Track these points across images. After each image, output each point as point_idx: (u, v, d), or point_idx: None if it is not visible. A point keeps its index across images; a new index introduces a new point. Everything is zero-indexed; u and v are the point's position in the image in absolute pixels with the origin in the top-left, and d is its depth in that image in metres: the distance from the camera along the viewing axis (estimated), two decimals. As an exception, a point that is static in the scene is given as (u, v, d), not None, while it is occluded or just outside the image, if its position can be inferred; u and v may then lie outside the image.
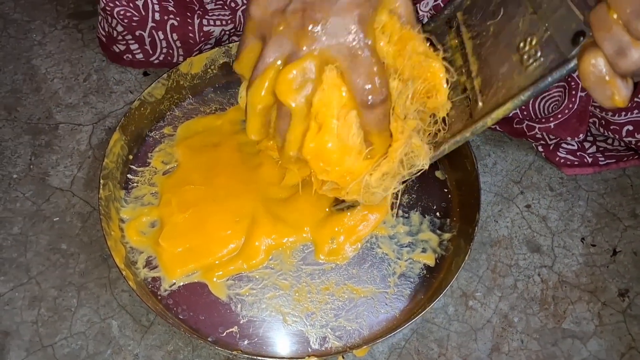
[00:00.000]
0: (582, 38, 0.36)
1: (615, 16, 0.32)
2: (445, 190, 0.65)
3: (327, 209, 0.61)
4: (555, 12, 0.39)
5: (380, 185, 0.49)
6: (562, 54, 0.38)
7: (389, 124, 0.47)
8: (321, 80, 0.45)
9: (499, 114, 0.43)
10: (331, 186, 0.52)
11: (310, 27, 0.44)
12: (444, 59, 0.48)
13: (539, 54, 0.40)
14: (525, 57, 0.41)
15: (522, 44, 0.41)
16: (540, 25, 0.40)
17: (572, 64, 0.37)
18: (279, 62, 0.45)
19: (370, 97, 0.44)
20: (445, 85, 0.47)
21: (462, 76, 0.48)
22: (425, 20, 0.61)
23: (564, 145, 0.68)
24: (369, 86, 0.44)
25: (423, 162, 0.48)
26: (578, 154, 0.68)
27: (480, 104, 0.45)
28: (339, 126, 0.46)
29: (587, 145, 0.68)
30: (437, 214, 0.63)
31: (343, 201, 0.59)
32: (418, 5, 0.60)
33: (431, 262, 0.60)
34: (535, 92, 0.40)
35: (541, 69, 0.39)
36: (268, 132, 0.50)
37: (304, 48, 0.44)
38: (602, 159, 0.68)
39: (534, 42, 0.40)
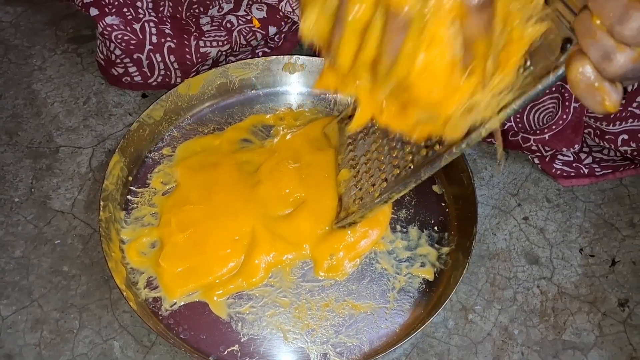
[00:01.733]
0: (569, 45, 0.37)
1: (598, 22, 0.33)
2: (443, 204, 0.65)
3: (327, 227, 0.62)
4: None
5: (492, 103, 0.42)
6: (551, 62, 0.38)
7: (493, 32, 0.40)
8: None
9: (492, 124, 0.43)
10: (423, 119, 0.45)
11: None
12: None
13: (528, 63, 0.40)
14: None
15: None
16: None
17: (560, 71, 0.38)
18: None
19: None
20: None
21: None
22: None
23: (559, 156, 0.68)
24: None
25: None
26: (574, 165, 0.68)
27: None
28: (449, 37, 0.39)
29: (583, 156, 0.68)
30: (435, 228, 0.64)
31: (344, 218, 0.59)
32: None
33: (430, 277, 0.61)
34: (526, 101, 0.40)
35: (531, 78, 0.40)
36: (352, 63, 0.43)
37: None
38: (599, 169, 0.68)
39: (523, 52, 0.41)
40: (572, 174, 0.68)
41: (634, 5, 0.31)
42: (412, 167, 0.52)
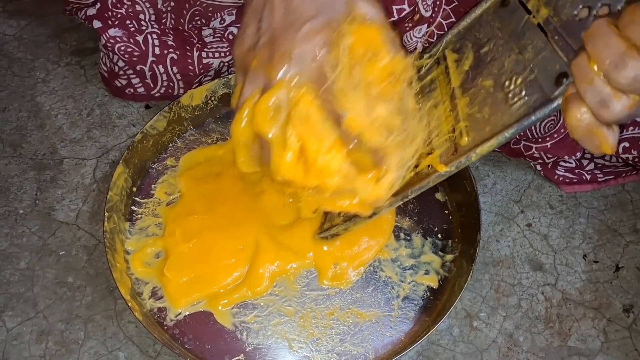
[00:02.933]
0: (564, 79, 0.37)
1: (595, 67, 0.33)
2: (446, 211, 0.65)
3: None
4: (539, 54, 0.40)
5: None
6: (546, 94, 0.39)
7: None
8: (295, 106, 0.46)
9: (483, 149, 0.43)
10: (313, 194, 0.51)
11: (277, 58, 0.45)
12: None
13: (523, 92, 0.41)
14: (510, 95, 0.42)
15: (507, 83, 0.42)
16: (525, 65, 0.41)
17: (554, 104, 0.38)
18: (256, 97, 0.47)
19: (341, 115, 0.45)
20: (389, 50, 0.46)
21: (447, 110, 0.49)
22: (419, 46, 0.62)
23: (562, 163, 0.68)
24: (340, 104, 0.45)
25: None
26: (576, 171, 0.68)
27: (465, 138, 0.46)
28: (320, 147, 0.47)
29: (585, 162, 0.68)
30: (439, 235, 0.64)
31: (327, 229, 0.59)
32: (411, 32, 0.62)
33: (434, 284, 0.61)
34: (518, 130, 0.41)
35: (525, 108, 0.40)
36: (259, 163, 0.51)
37: (275, 79, 0.46)
38: (601, 175, 0.68)
39: (518, 82, 0.41)
40: (575, 181, 0.68)
41: (631, 53, 0.31)
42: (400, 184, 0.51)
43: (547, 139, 0.64)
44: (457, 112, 0.48)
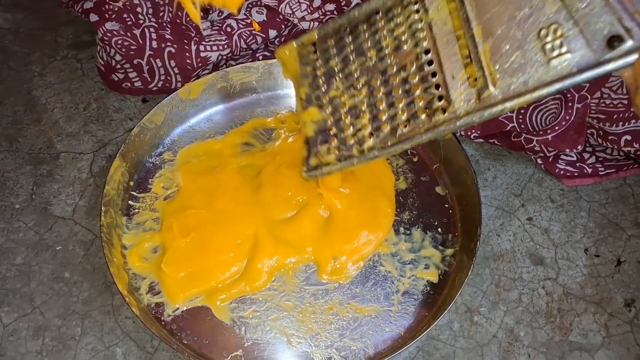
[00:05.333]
0: (617, 43, 0.34)
1: None
2: (446, 205, 0.65)
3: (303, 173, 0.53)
4: (588, 5, 0.36)
5: None
6: (594, 55, 0.36)
7: None
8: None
9: (515, 104, 0.39)
10: None
11: None
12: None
13: (564, 48, 0.37)
14: (548, 47, 0.38)
15: (544, 32, 0.38)
16: (566, 15, 0.37)
17: (605, 68, 0.35)
18: None
19: None
20: None
21: (462, 42, 0.43)
22: None
23: (563, 156, 0.68)
24: None
25: None
26: (577, 164, 0.68)
27: (491, 88, 0.40)
28: None
29: (586, 155, 0.68)
30: (439, 229, 0.63)
31: (315, 168, 0.51)
32: None
33: (434, 279, 0.60)
34: (560, 89, 0.37)
35: (568, 66, 0.37)
36: None
37: None
38: (602, 169, 0.67)
39: (558, 33, 0.37)
40: (576, 174, 0.67)
41: None
42: (407, 125, 0.45)
43: (549, 131, 0.63)
44: (478, 56, 0.42)
